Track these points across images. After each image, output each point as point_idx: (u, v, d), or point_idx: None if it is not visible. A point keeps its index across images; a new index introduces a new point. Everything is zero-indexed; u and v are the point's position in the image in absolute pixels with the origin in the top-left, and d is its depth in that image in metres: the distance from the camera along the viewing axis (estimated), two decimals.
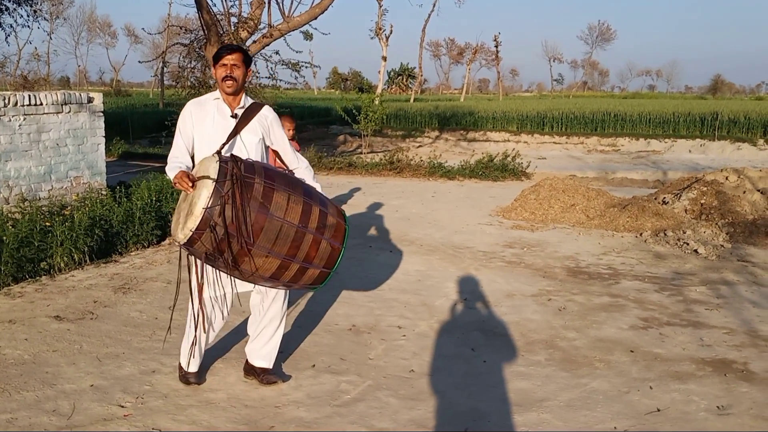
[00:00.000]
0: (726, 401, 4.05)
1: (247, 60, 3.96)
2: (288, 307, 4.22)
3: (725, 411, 3.94)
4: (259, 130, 3.98)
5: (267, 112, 4.04)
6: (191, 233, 3.32)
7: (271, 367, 4.20)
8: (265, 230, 3.41)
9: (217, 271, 3.75)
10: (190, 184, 3.47)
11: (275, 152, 4.13)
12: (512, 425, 3.76)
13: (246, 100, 4.00)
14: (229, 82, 3.85)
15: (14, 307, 5.46)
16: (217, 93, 4.00)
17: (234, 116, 3.92)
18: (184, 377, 4.13)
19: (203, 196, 3.32)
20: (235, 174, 3.37)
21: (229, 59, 3.87)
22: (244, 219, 3.36)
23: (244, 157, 3.75)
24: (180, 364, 4.16)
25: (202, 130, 3.92)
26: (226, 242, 3.36)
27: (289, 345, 4.85)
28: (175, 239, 3.50)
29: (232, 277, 3.70)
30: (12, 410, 3.74)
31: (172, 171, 3.73)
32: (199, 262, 3.76)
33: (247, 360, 4.26)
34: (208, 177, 3.38)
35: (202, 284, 3.81)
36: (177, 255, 6.50)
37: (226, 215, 3.32)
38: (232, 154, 3.58)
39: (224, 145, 3.70)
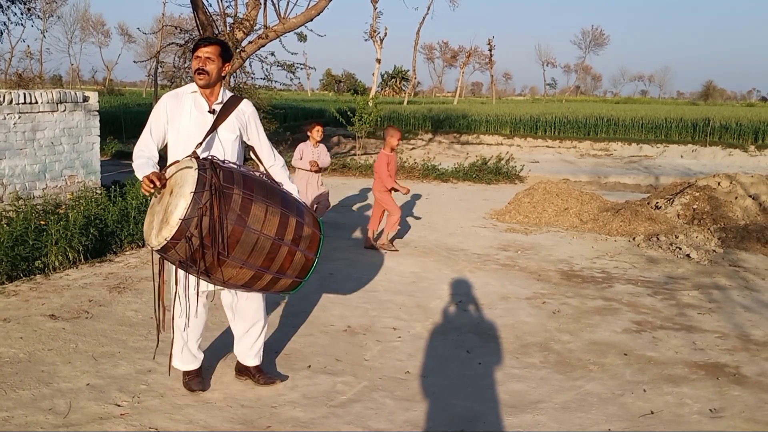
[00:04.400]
0: (718, 404, 4.09)
1: (225, 54, 3.83)
2: (283, 308, 4.21)
3: (718, 414, 3.97)
4: (237, 126, 3.89)
5: (245, 107, 3.95)
6: (166, 242, 3.26)
7: (261, 362, 4.22)
8: (241, 242, 3.38)
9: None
10: (159, 186, 3.38)
11: (251, 147, 4.06)
12: (507, 427, 3.78)
13: (224, 95, 3.90)
14: (201, 76, 3.75)
15: (9, 306, 5.45)
16: (194, 86, 3.88)
17: (212, 112, 3.83)
18: (186, 384, 4.08)
19: (180, 206, 3.24)
20: (214, 184, 3.29)
21: (204, 52, 3.76)
22: (221, 231, 3.31)
23: (220, 155, 3.69)
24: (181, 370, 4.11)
25: (178, 125, 3.81)
26: (200, 252, 3.31)
27: (284, 345, 4.86)
28: (148, 243, 3.44)
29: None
30: (8, 408, 3.74)
31: (141, 169, 3.59)
32: (166, 263, 3.74)
33: (238, 361, 4.26)
34: (184, 185, 3.31)
35: (164, 286, 3.76)
36: None
37: (203, 227, 3.26)
38: (211, 160, 3.45)
39: (200, 144, 3.62)
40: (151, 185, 3.40)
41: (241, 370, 4.26)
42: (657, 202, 10.01)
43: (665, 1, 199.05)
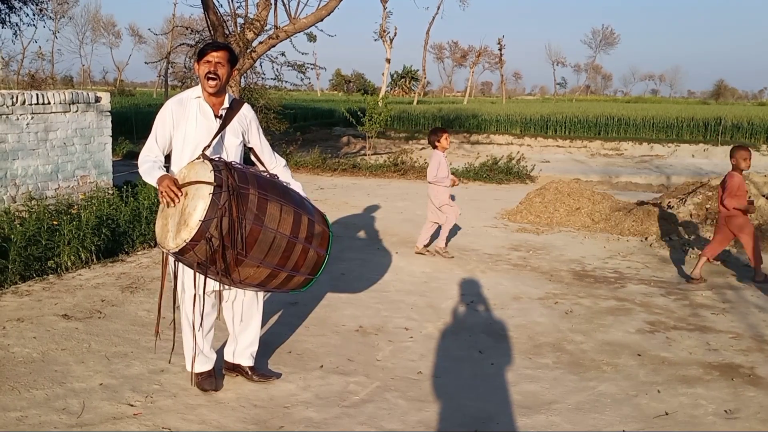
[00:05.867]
0: (733, 405, 4.06)
1: (233, 59, 3.83)
2: (295, 308, 4.20)
3: (733, 415, 3.94)
4: (240, 131, 3.90)
5: (246, 111, 3.95)
6: (185, 244, 3.26)
7: (254, 363, 4.23)
8: (259, 242, 3.40)
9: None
10: (176, 193, 3.37)
11: (251, 149, 4.06)
12: (521, 427, 3.77)
13: (228, 99, 3.89)
14: (213, 82, 3.72)
15: (22, 306, 5.48)
16: (198, 91, 3.85)
17: (219, 117, 3.82)
18: (199, 384, 4.07)
19: (199, 208, 3.25)
20: (231, 185, 3.31)
21: (214, 56, 3.73)
22: (240, 231, 3.32)
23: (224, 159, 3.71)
24: (191, 370, 4.09)
25: (184, 131, 3.79)
26: (220, 253, 3.32)
27: (296, 345, 4.86)
28: (164, 247, 3.43)
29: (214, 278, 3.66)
30: (22, 408, 3.75)
31: (150, 173, 3.59)
32: (173, 264, 3.73)
33: (225, 360, 4.26)
34: (201, 182, 3.31)
35: (176, 286, 3.80)
36: None
37: (222, 227, 3.27)
38: (223, 161, 3.48)
39: (207, 147, 3.61)
40: (176, 194, 3.38)
41: (232, 368, 4.25)
42: (669, 202, 9.95)
43: (676, 0, 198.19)
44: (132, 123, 22.61)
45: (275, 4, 12.75)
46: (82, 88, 38.53)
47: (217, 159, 3.51)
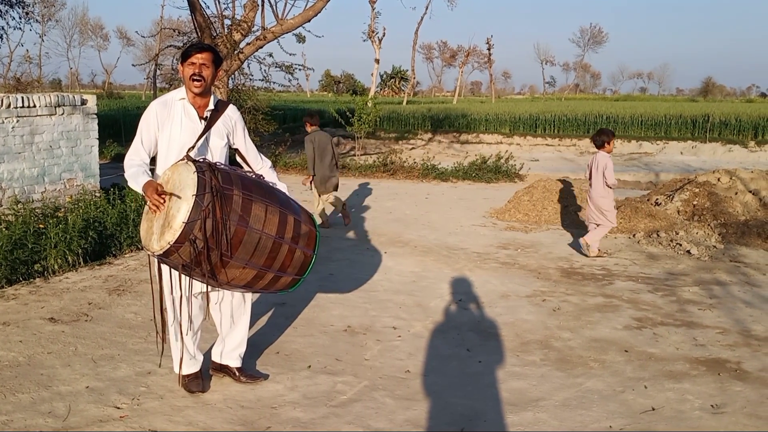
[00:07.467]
0: (720, 400, 4.08)
1: (217, 60, 3.82)
2: (283, 308, 4.19)
3: (719, 410, 3.96)
4: (225, 132, 3.90)
5: (231, 112, 3.95)
6: (169, 246, 3.25)
7: (241, 364, 4.23)
8: (244, 243, 3.40)
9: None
10: (162, 200, 3.37)
11: (236, 150, 4.06)
12: (508, 425, 3.77)
13: (214, 101, 3.88)
14: (197, 83, 3.71)
15: (8, 309, 5.44)
16: (182, 92, 3.85)
17: (204, 118, 3.82)
18: (186, 385, 4.06)
19: (183, 209, 3.24)
20: (215, 186, 3.30)
21: (199, 58, 3.72)
22: (224, 232, 3.32)
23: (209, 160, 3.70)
24: (179, 372, 4.07)
25: (169, 133, 3.78)
26: (204, 254, 3.31)
27: (284, 346, 4.86)
28: (148, 249, 3.42)
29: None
30: (7, 412, 3.73)
31: (135, 178, 3.57)
32: (164, 267, 3.71)
33: (213, 360, 4.26)
34: (184, 188, 3.29)
35: (162, 289, 3.78)
36: None
37: (206, 228, 3.26)
38: (207, 162, 3.47)
39: (191, 149, 3.61)
40: (161, 202, 3.38)
41: (219, 369, 4.25)
42: (657, 199, 9.99)
43: None
44: (120, 125, 22.50)
45: (262, 5, 12.71)
46: (71, 91, 38.30)
47: (201, 160, 3.50)
